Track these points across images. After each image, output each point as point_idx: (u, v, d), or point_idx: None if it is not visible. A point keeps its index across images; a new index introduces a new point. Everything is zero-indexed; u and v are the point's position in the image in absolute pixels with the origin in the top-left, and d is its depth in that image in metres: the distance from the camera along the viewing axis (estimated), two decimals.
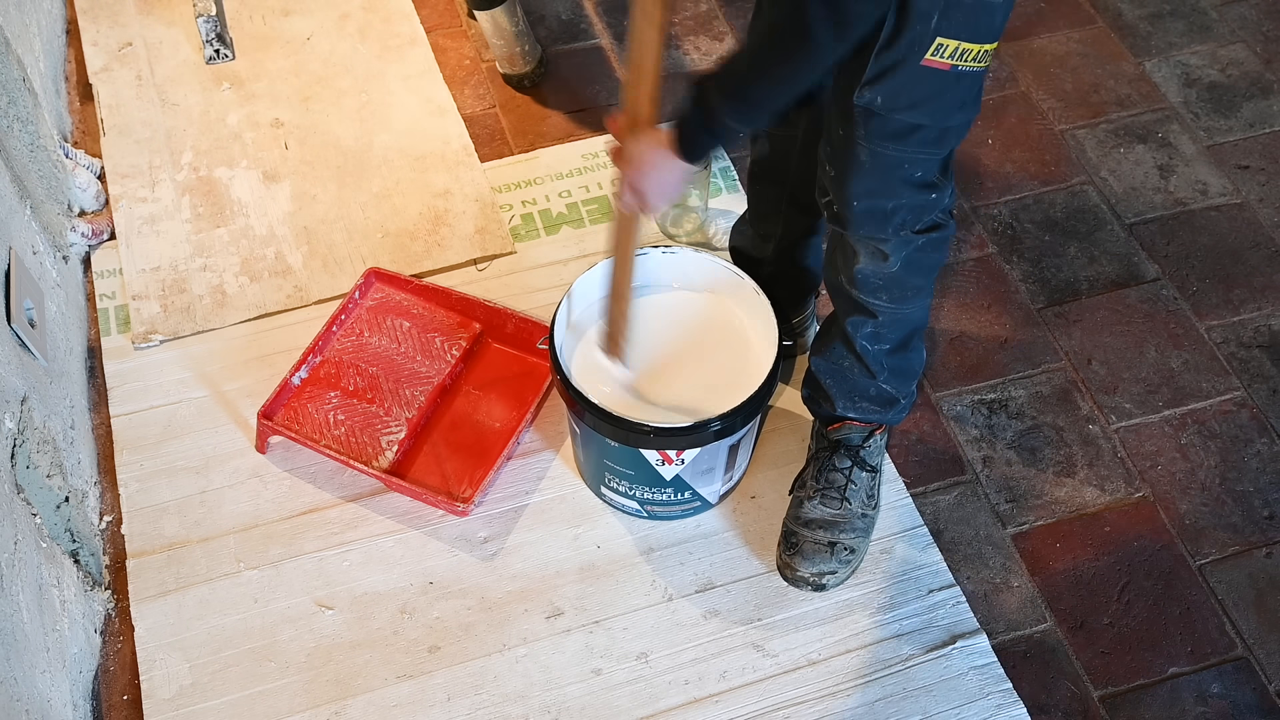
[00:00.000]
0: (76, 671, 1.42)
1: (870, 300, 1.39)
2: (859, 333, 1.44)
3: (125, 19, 2.22)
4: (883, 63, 1.13)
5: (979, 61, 1.15)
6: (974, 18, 1.11)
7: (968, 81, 1.16)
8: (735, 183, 1.98)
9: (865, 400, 1.52)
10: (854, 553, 1.53)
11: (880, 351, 1.46)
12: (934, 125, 1.19)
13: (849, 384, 1.51)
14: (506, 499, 1.62)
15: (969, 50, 1.13)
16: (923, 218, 1.29)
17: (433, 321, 1.75)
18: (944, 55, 1.12)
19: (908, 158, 1.22)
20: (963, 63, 1.13)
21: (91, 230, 1.89)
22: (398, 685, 1.46)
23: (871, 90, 1.16)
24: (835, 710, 1.45)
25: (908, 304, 1.40)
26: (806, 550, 1.51)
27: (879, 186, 1.25)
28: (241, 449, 1.67)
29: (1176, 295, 1.87)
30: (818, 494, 1.53)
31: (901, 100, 1.16)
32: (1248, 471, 1.67)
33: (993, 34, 1.14)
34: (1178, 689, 1.48)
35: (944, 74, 1.14)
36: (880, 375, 1.48)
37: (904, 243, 1.31)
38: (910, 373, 1.52)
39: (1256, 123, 2.10)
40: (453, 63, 2.18)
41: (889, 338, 1.45)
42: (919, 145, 1.20)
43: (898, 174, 1.24)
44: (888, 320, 1.42)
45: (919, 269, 1.35)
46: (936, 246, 1.34)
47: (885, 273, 1.35)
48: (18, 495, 1.36)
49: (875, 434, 1.55)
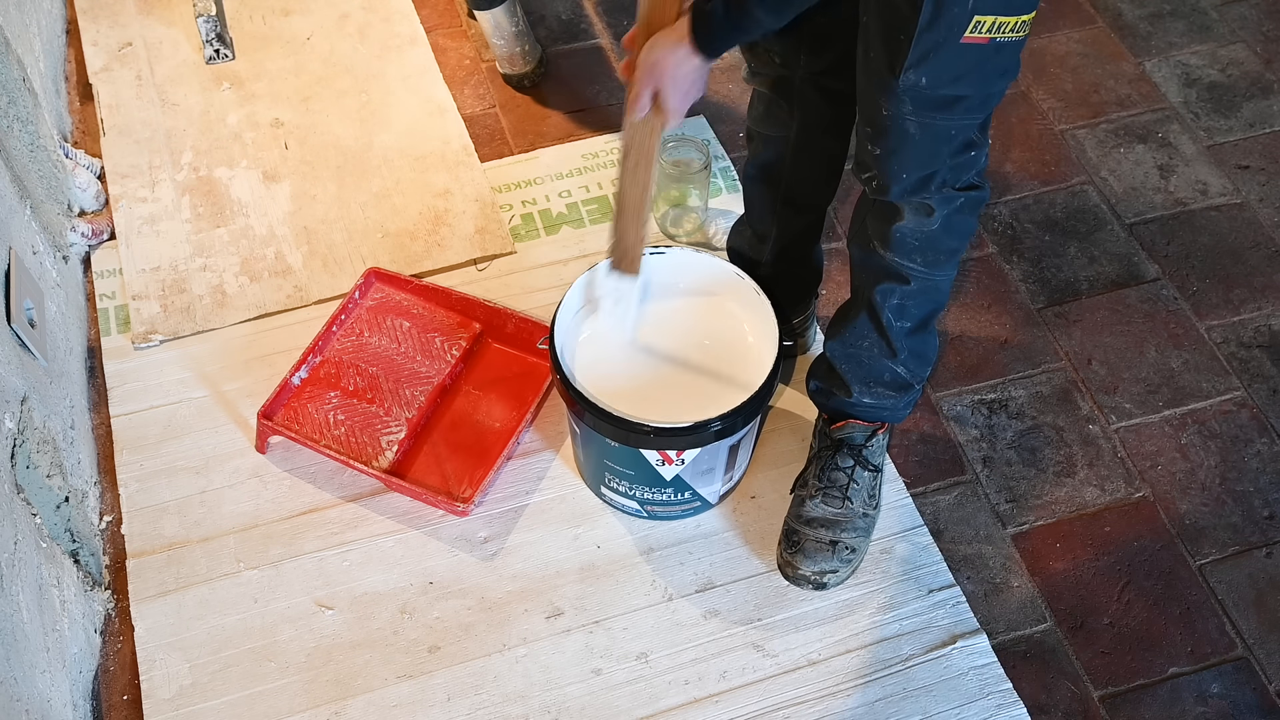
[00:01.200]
0: (76, 671, 1.42)
1: (904, 263, 1.39)
2: (887, 303, 1.44)
3: (125, 19, 2.22)
4: (924, 45, 1.15)
5: (1017, 32, 1.16)
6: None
7: (1008, 51, 1.18)
8: (735, 183, 1.98)
9: (880, 385, 1.52)
10: (855, 552, 1.53)
11: (902, 329, 1.46)
12: (978, 94, 1.21)
13: (866, 368, 1.51)
14: (506, 499, 1.62)
15: (1006, 23, 1.14)
16: (961, 176, 1.31)
17: (433, 321, 1.76)
18: (983, 31, 1.13)
19: (954, 124, 1.23)
20: (1000, 34, 1.15)
21: (91, 230, 1.89)
22: (398, 685, 1.46)
23: (916, 72, 1.17)
24: (835, 710, 1.45)
25: (939, 269, 1.40)
26: (808, 549, 1.51)
27: (928, 156, 1.26)
28: (241, 449, 1.67)
29: (1176, 295, 1.87)
30: (820, 493, 1.53)
31: (945, 76, 1.18)
32: (1248, 471, 1.67)
33: (1029, 5, 1.15)
34: (1178, 689, 1.48)
35: (984, 47, 1.15)
36: (900, 354, 1.48)
37: (945, 200, 1.32)
38: (926, 357, 1.52)
39: (1256, 123, 2.10)
40: (453, 63, 2.18)
41: (913, 312, 1.45)
42: (964, 113, 1.22)
43: (945, 140, 1.25)
44: (917, 288, 1.41)
45: (956, 230, 1.36)
46: (974, 207, 1.35)
47: (925, 231, 1.35)
48: (18, 495, 1.36)
49: (878, 433, 1.55)
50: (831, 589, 1.53)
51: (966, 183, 1.32)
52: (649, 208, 1.41)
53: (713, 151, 2.02)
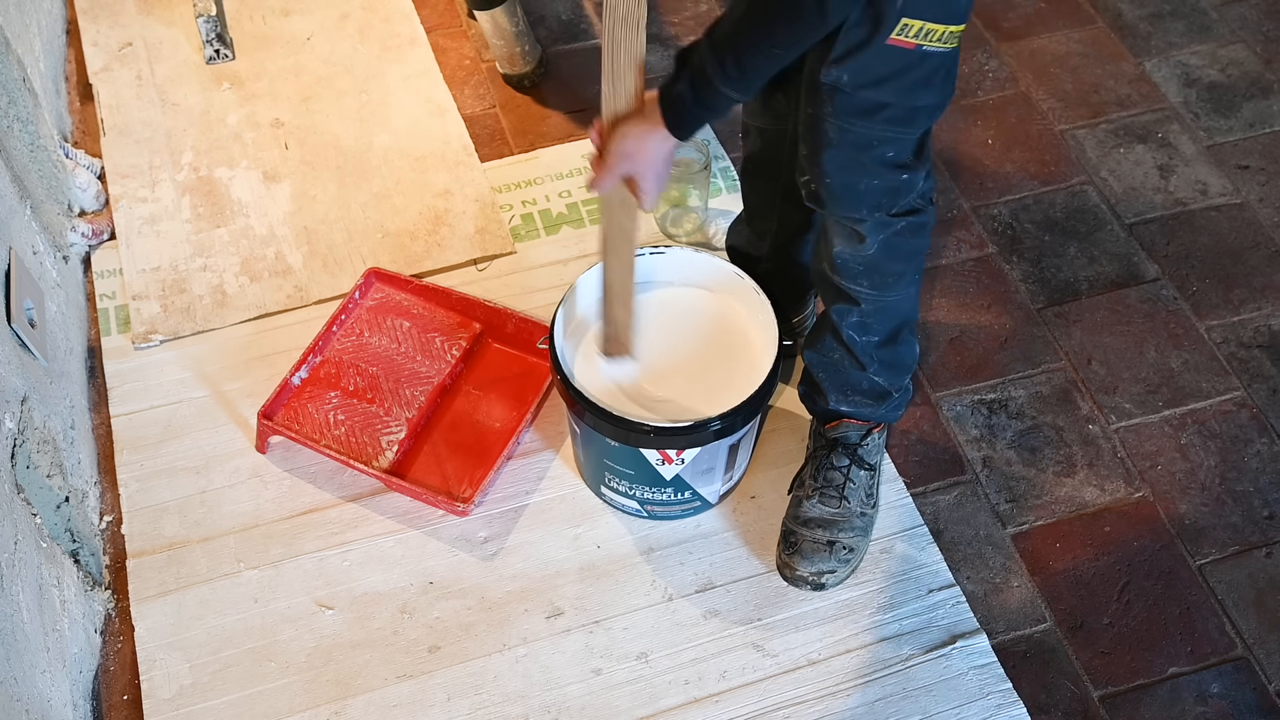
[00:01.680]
0: (76, 671, 1.42)
1: (851, 286, 1.40)
2: (844, 322, 1.45)
3: (125, 19, 2.22)
4: (849, 41, 1.15)
5: (944, 42, 1.16)
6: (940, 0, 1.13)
7: (934, 61, 1.17)
8: (735, 182, 1.98)
9: (857, 394, 1.52)
10: (853, 552, 1.53)
11: (869, 343, 1.46)
12: (901, 104, 1.20)
13: (840, 377, 1.52)
14: (506, 499, 1.62)
15: (934, 30, 1.14)
16: (898, 200, 1.30)
17: (433, 321, 1.76)
18: (909, 35, 1.13)
19: (876, 135, 1.23)
20: (928, 42, 1.15)
21: (91, 230, 1.89)
22: (398, 685, 1.46)
23: (838, 69, 1.17)
24: (835, 710, 1.45)
25: (890, 291, 1.40)
26: (805, 549, 1.51)
27: (849, 163, 1.26)
28: (241, 449, 1.67)
29: (1176, 295, 1.87)
30: (816, 493, 1.53)
31: (867, 78, 1.17)
32: (1248, 471, 1.67)
33: (957, 15, 1.15)
34: (1178, 689, 1.48)
35: (909, 52, 1.15)
36: (870, 367, 1.48)
37: (881, 225, 1.31)
38: (901, 366, 1.52)
39: (1256, 123, 2.10)
40: (453, 63, 2.18)
41: (876, 329, 1.45)
42: (886, 123, 1.21)
43: (868, 152, 1.24)
44: (872, 309, 1.42)
45: (898, 254, 1.36)
46: (915, 232, 1.34)
47: (863, 256, 1.35)
48: (18, 495, 1.36)
49: (873, 432, 1.55)
50: (831, 589, 1.53)
51: (905, 207, 1.31)
52: (633, 288, 1.43)
53: (713, 151, 2.02)
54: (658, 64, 2.17)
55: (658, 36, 2.22)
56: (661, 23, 2.25)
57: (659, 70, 2.16)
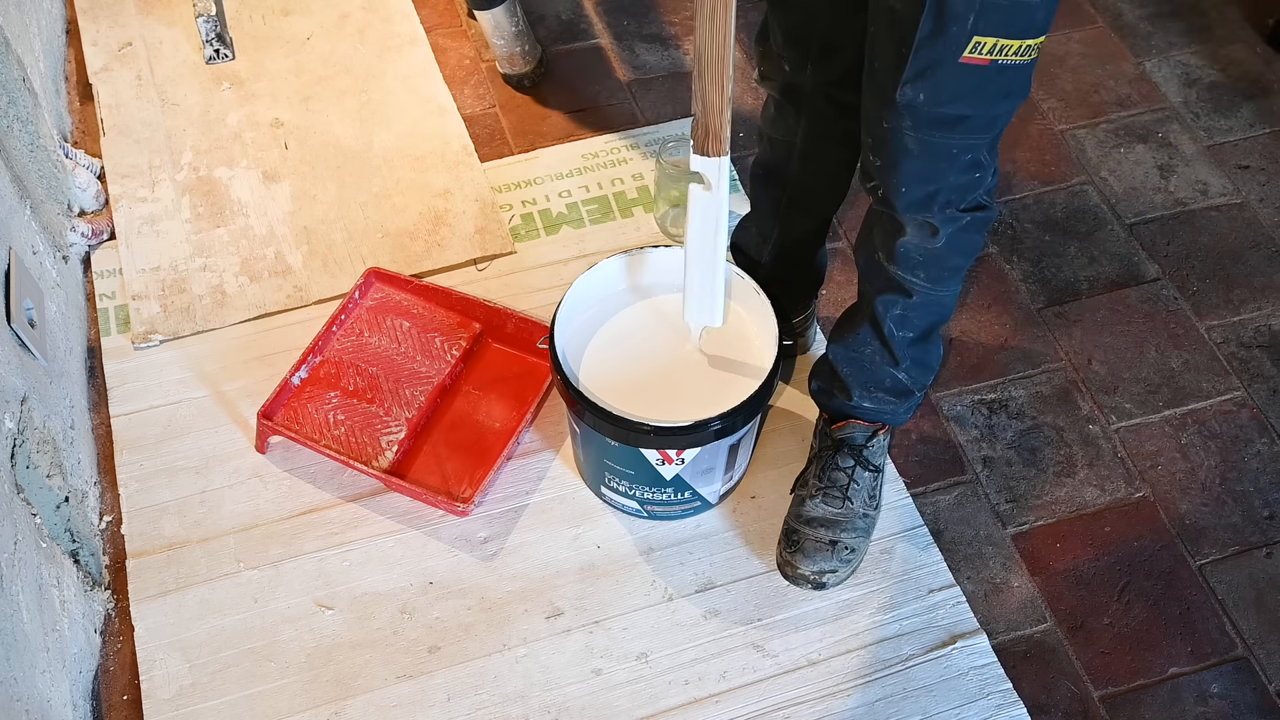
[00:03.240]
0: (76, 671, 1.42)
1: (907, 277, 1.39)
2: (889, 313, 1.44)
3: (125, 19, 2.22)
4: (921, 61, 1.14)
5: (1021, 55, 1.14)
6: (1010, 16, 1.10)
7: (1011, 74, 1.16)
8: (736, 183, 1.98)
9: (881, 390, 1.52)
10: (854, 552, 1.53)
11: (904, 339, 1.46)
12: (981, 114, 1.20)
13: (868, 373, 1.51)
14: (506, 499, 1.62)
15: (1008, 45, 1.12)
16: (967, 196, 1.29)
17: (433, 321, 1.75)
18: (983, 52, 1.12)
19: (956, 144, 1.22)
20: (1003, 57, 1.13)
21: (91, 230, 1.89)
22: (398, 685, 1.46)
23: (913, 88, 1.16)
24: (835, 710, 1.45)
25: (942, 285, 1.40)
26: (807, 548, 1.51)
27: (929, 171, 1.25)
28: (241, 449, 1.67)
29: (1176, 295, 1.87)
30: (820, 492, 1.53)
31: (944, 95, 1.16)
32: (1248, 471, 1.67)
33: (1034, 29, 1.13)
34: (1178, 689, 1.48)
35: (984, 69, 1.13)
36: (903, 362, 1.48)
37: (950, 220, 1.31)
38: (929, 366, 1.52)
39: (1256, 123, 2.10)
40: (453, 63, 2.18)
41: (915, 324, 1.45)
42: (967, 133, 1.21)
43: (947, 159, 1.24)
44: (920, 302, 1.41)
45: (960, 248, 1.36)
46: (979, 227, 1.34)
47: (929, 248, 1.35)
48: (18, 495, 1.36)
49: (879, 434, 1.55)
50: (831, 589, 1.53)
51: (973, 203, 1.31)
52: (731, 66, 1.23)
53: None
54: (657, 64, 2.17)
55: (658, 36, 2.22)
56: (662, 23, 2.25)
57: (657, 70, 2.16)
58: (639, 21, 2.25)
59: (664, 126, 2.07)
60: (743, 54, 2.18)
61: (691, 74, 1.28)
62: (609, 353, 1.52)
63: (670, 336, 1.54)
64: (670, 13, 2.27)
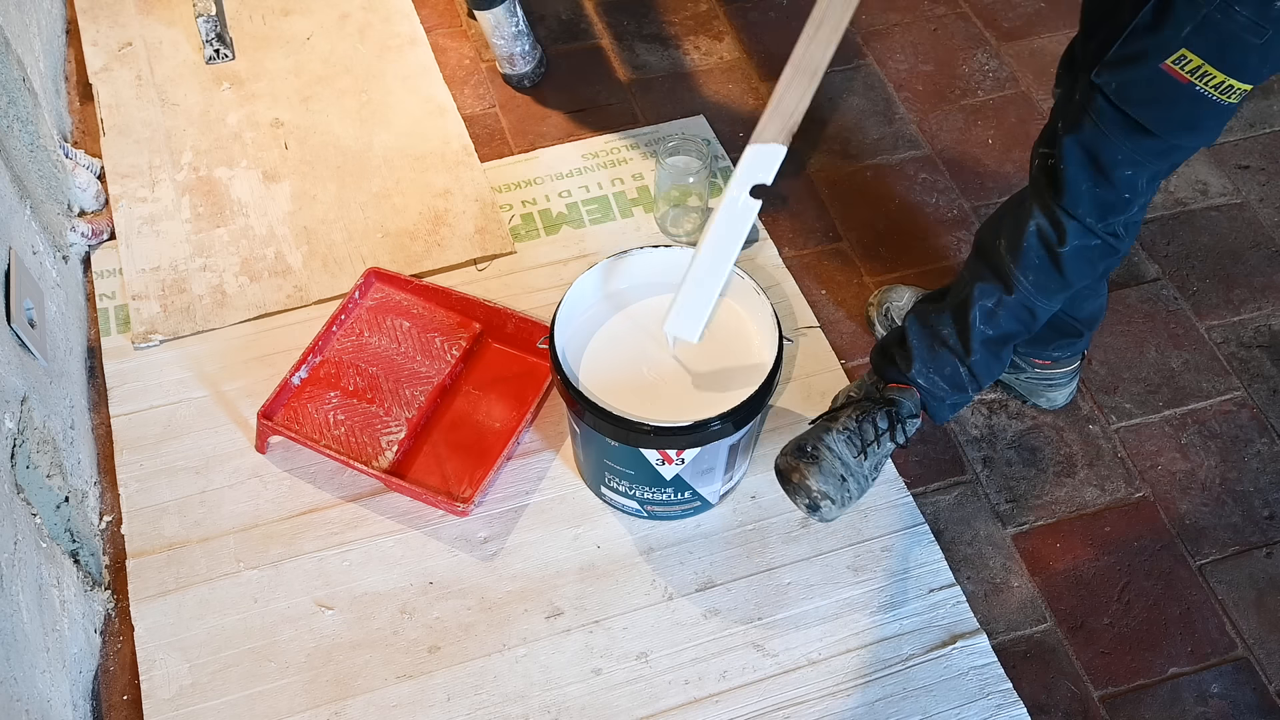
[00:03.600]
0: (76, 671, 1.42)
1: (1018, 274, 1.38)
2: (979, 302, 1.43)
3: (125, 19, 2.22)
4: (1126, 50, 1.14)
5: (1223, 93, 1.13)
6: (1226, 46, 1.09)
7: (1205, 107, 1.15)
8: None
9: (938, 375, 1.50)
10: (850, 499, 1.48)
11: (982, 333, 1.45)
12: (1159, 134, 1.19)
13: (935, 353, 1.49)
14: (506, 499, 1.62)
15: (1212, 75, 1.11)
16: (1108, 217, 1.29)
17: (433, 321, 1.76)
18: (1185, 68, 1.11)
19: (1124, 153, 1.22)
20: (1203, 84, 1.12)
21: (91, 230, 1.89)
22: (398, 685, 1.46)
23: (1109, 73, 1.17)
24: (835, 710, 1.45)
25: (1042, 296, 1.39)
26: (825, 467, 1.45)
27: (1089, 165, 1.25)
28: (241, 449, 1.67)
29: (1176, 295, 1.87)
30: (845, 433, 1.48)
31: (1134, 94, 1.16)
32: (1248, 471, 1.67)
33: (1244, 73, 1.11)
34: (1178, 689, 1.48)
35: (1181, 86, 1.13)
36: (973, 356, 1.46)
37: (1081, 232, 1.31)
38: (993, 370, 1.50)
39: (1256, 123, 2.10)
40: (453, 63, 2.18)
41: (1000, 323, 1.44)
42: (1137, 148, 1.21)
43: (1110, 163, 1.24)
44: (1015, 303, 1.41)
45: (1076, 268, 1.35)
46: (1105, 254, 1.34)
47: (1049, 253, 1.34)
48: (18, 495, 1.36)
49: (918, 418, 1.53)
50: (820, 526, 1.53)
51: (1110, 229, 1.31)
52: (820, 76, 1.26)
53: (712, 151, 2.02)
54: (657, 64, 2.17)
55: (658, 36, 2.22)
56: (662, 23, 2.25)
57: (657, 70, 2.16)
58: (639, 21, 2.25)
59: (664, 126, 2.07)
60: (743, 53, 2.18)
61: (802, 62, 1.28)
62: (609, 353, 1.52)
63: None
64: (670, 13, 2.27)
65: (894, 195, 1.97)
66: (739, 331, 1.55)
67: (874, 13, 2.26)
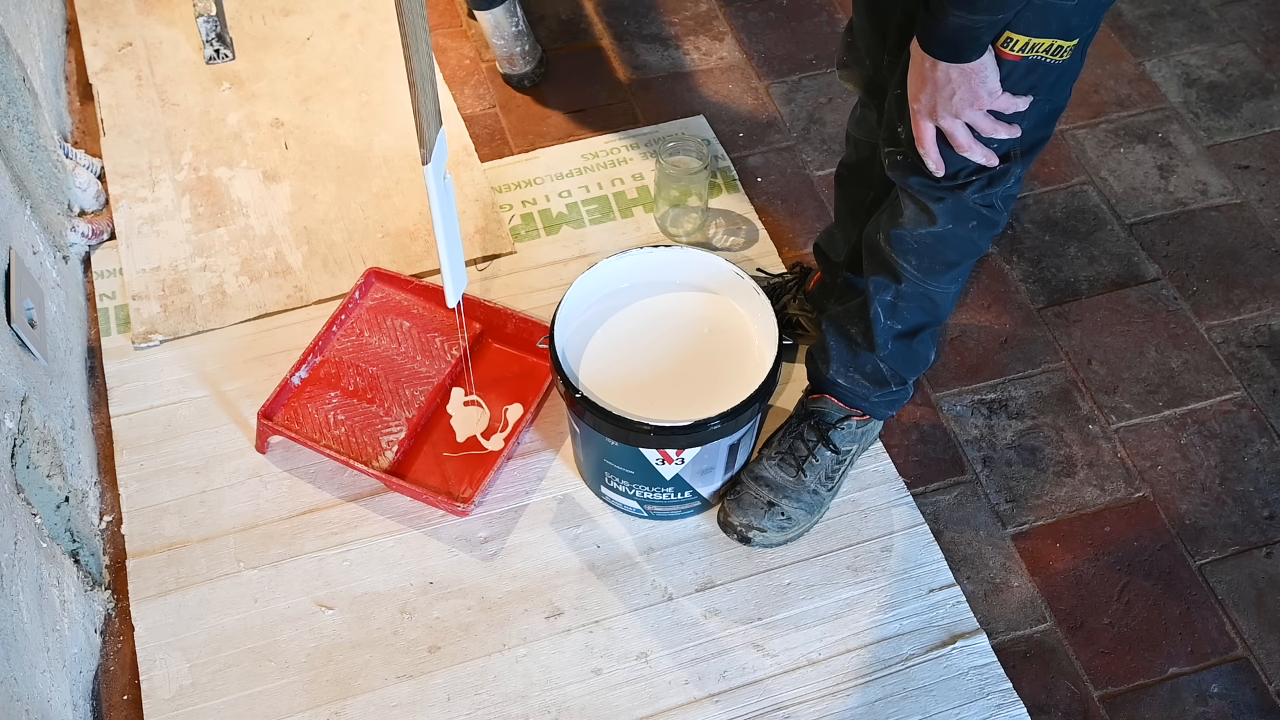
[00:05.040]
0: (76, 671, 1.42)
1: (900, 262, 1.40)
2: (878, 297, 1.45)
3: (125, 19, 2.22)
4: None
5: (1055, 55, 1.16)
6: (1042, 16, 1.13)
7: (1042, 71, 1.18)
8: (736, 182, 1.98)
9: (859, 373, 1.52)
10: (791, 521, 1.54)
11: (889, 329, 1.46)
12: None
13: (849, 351, 1.52)
14: (506, 499, 1.62)
15: (1040, 44, 1.14)
16: (984, 189, 1.30)
17: (433, 321, 1.76)
18: (1014, 49, 1.14)
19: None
20: (1033, 54, 1.15)
21: (91, 230, 1.89)
22: (398, 685, 1.46)
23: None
24: (835, 710, 1.45)
25: (934, 279, 1.40)
26: (744, 500, 1.54)
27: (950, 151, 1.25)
28: (241, 449, 1.67)
29: (1176, 295, 1.87)
30: (777, 456, 1.56)
31: None
32: (1248, 471, 1.67)
33: (1066, 31, 1.14)
34: (1178, 689, 1.48)
35: (1016, 64, 1.16)
36: (882, 351, 1.48)
37: (955, 209, 1.31)
38: (912, 363, 1.52)
39: (1256, 123, 2.10)
40: (453, 63, 2.18)
41: (905, 317, 1.45)
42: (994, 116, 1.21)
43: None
44: (910, 291, 1.42)
45: (958, 243, 1.36)
46: (983, 227, 1.35)
47: (925, 234, 1.35)
48: (18, 495, 1.36)
49: (853, 419, 1.55)
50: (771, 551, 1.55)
51: (985, 200, 1.31)
52: (435, 77, 1.27)
53: (712, 151, 2.02)
54: (657, 64, 2.17)
55: (658, 36, 2.22)
56: (662, 23, 2.25)
57: (657, 70, 2.16)
58: (639, 21, 2.25)
59: (664, 126, 2.07)
60: (743, 53, 2.18)
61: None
62: (609, 353, 1.52)
63: (670, 336, 1.54)
64: (670, 13, 2.27)
65: None
66: (739, 331, 1.55)
67: None
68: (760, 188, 1.98)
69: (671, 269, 1.57)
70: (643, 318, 1.55)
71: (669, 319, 1.56)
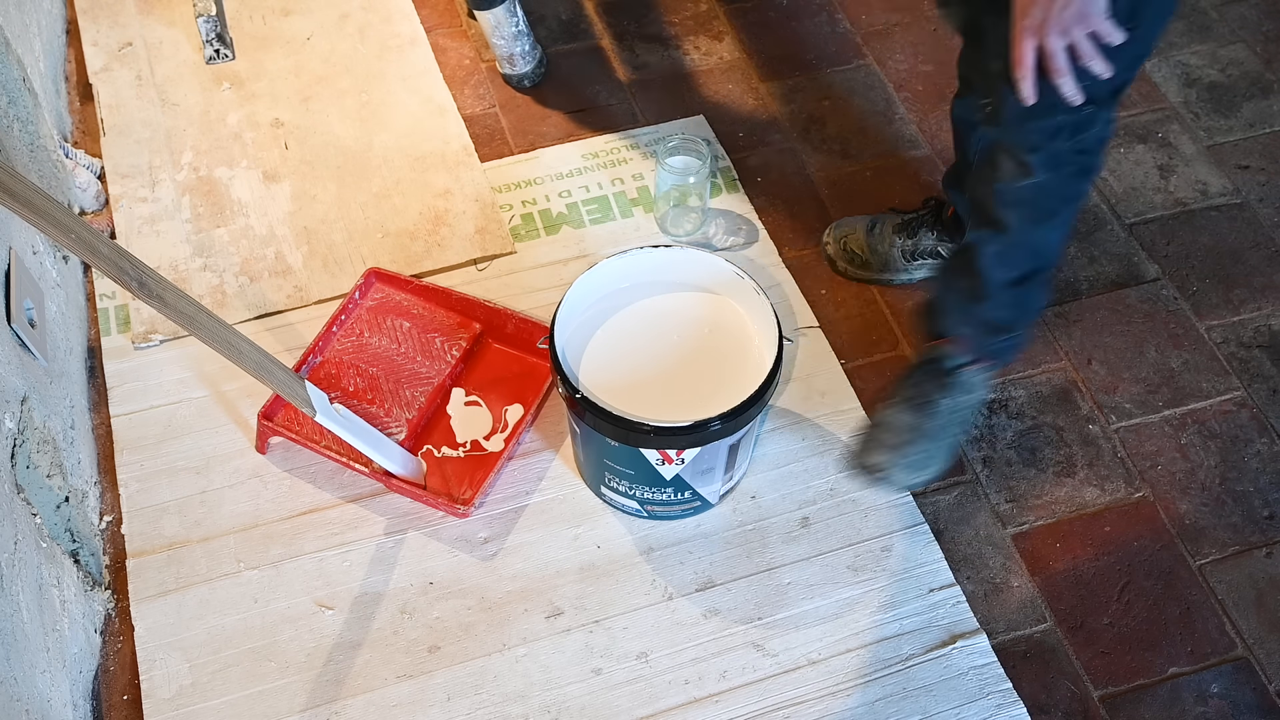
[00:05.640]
0: (76, 671, 1.42)
1: (1004, 215, 1.40)
2: (984, 249, 1.45)
3: (125, 19, 2.22)
4: None
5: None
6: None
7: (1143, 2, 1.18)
8: (736, 182, 1.98)
9: (977, 322, 1.53)
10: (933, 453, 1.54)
11: (999, 279, 1.47)
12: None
13: (961, 304, 1.53)
14: (506, 499, 1.62)
15: None
16: (1076, 135, 1.30)
17: (433, 321, 1.76)
18: None
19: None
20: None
21: None
22: (398, 685, 1.46)
23: None
24: (835, 710, 1.45)
25: (1040, 226, 1.41)
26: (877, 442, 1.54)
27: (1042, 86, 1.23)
28: (241, 449, 1.67)
29: (1176, 295, 1.87)
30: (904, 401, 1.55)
31: None
32: (1248, 471, 1.67)
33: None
34: (1178, 689, 1.48)
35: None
36: (993, 301, 1.49)
37: (1051, 159, 1.31)
38: (1026, 308, 1.53)
39: (1256, 123, 2.10)
40: (453, 63, 2.18)
41: (1014, 264, 1.46)
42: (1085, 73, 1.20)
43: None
44: (1017, 240, 1.42)
45: (1057, 191, 1.36)
46: (1081, 175, 1.35)
47: (1026, 185, 1.35)
48: (18, 495, 1.36)
49: (974, 365, 1.56)
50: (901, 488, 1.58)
51: (1080, 146, 1.31)
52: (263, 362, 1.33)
53: (712, 151, 2.02)
54: (657, 64, 2.17)
55: (658, 36, 2.22)
56: (662, 23, 2.25)
57: (657, 69, 2.16)
58: (639, 21, 2.25)
59: (664, 126, 2.07)
60: (743, 53, 2.18)
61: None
62: (609, 353, 1.52)
63: (670, 336, 1.54)
64: (670, 13, 2.27)
65: (894, 195, 1.97)
66: (739, 331, 1.55)
67: (874, 12, 2.26)
68: (760, 188, 1.98)
69: (671, 269, 1.57)
70: (643, 318, 1.55)
71: (669, 319, 1.56)
